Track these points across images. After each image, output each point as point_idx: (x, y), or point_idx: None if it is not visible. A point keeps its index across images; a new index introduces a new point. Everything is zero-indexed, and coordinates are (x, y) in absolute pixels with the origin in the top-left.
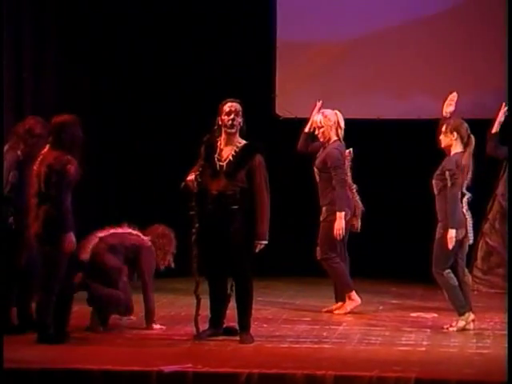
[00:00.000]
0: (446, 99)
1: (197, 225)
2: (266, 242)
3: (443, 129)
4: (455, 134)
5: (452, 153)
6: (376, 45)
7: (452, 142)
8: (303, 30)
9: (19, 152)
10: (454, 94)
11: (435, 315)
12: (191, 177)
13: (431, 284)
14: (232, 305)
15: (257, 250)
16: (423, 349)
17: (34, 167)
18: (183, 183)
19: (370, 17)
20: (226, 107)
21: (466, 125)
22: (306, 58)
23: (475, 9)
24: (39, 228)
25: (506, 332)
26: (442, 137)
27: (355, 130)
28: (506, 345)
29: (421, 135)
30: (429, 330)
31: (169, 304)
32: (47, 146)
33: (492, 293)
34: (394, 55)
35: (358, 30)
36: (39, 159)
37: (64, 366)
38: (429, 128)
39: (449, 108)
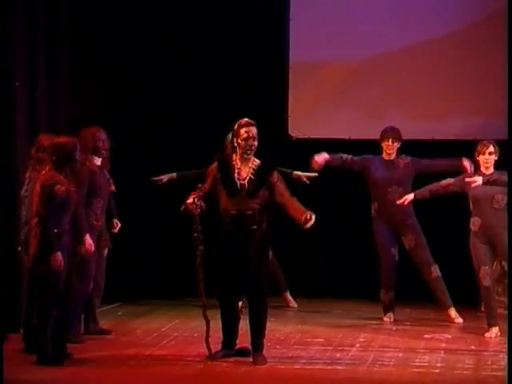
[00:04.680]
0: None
1: (201, 247)
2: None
3: (492, 149)
4: None
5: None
6: (388, 66)
7: None
8: (316, 50)
9: None
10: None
11: (449, 337)
12: (190, 199)
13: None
14: (244, 326)
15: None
16: (437, 370)
17: (36, 187)
18: (183, 206)
19: (382, 38)
20: (244, 132)
21: None
22: (319, 78)
23: (484, 30)
24: (35, 248)
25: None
26: (493, 157)
27: (368, 151)
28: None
29: (435, 156)
30: (442, 352)
31: (182, 325)
32: (47, 167)
33: (506, 314)
34: (406, 76)
35: (369, 50)
36: (38, 180)
37: None
38: (442, 149)
39: None
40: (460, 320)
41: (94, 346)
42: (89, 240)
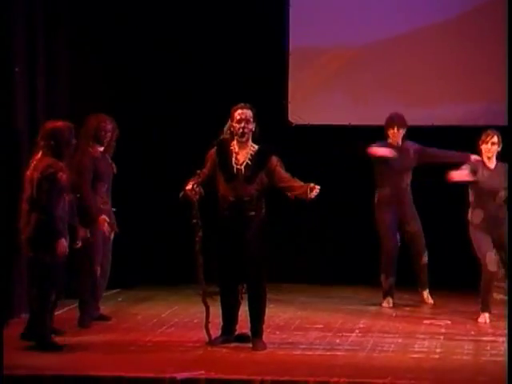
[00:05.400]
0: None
1: (200, 233)
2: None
3: (496, 140)
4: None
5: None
6: (388, 52)
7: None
8: (315, 36)
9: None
10: None
11: (448, 322)
12: (189, 186)
13: (444, 291)
14: (244, 312)
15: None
16: (436, 356)
17: (28, 173)
18: (182, 193)
19: (382, 24)
20: (237, 114)
21: None
22: (319, 64)
23: (484, 15)
24: (31, 234)
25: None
26: (496, 147)
27: (369, 137)
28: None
29: (434, 141)
30: (442, 337)
31: (182, 311)
32: (40, 152)
33: (507, 300)
34: (407, 62)
35: (369, 36)
36: (32, 165)
37: (77, 372)
38: (442, 134)
39: None
40: (431, 301)
41: (94, 332)
42: (103, 220)
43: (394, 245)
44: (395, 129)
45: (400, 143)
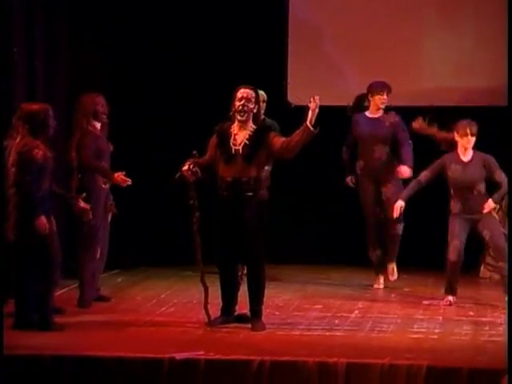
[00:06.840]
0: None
1: (197, 213)
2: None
3: (476, 130)
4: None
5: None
6: (387, 30)
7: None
8: (315, 16)
9: None
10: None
11: (447, 303)
12: (186, 166)
13: (443, 272)
14: (243, 292)
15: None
16: (435, 336)
17: (10, 158)
18: (178, 174)
19: (383, 3)
20: (239, 93)
21: None
22: (318, 45)
23: None
24: (17, 217)
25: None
26: (474, 138)
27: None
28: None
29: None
30: (441, 318)
31: (181, 291)
32: (18, 137)
33: (507, 280)
34: (407, 41)
35: (370, 15)
36: (12, 149)
37: (76, 352)
38: (441, 115)
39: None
40: (395, 277)
41: (93, 312)
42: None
43: (376, 217)
44: (384, 94)
45: (380, 113)
